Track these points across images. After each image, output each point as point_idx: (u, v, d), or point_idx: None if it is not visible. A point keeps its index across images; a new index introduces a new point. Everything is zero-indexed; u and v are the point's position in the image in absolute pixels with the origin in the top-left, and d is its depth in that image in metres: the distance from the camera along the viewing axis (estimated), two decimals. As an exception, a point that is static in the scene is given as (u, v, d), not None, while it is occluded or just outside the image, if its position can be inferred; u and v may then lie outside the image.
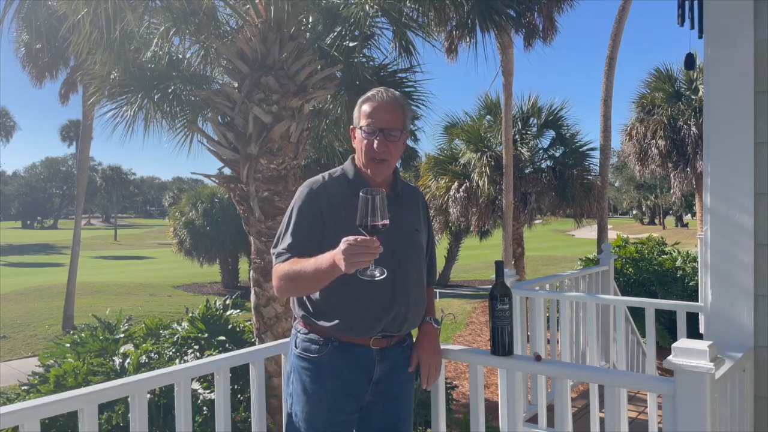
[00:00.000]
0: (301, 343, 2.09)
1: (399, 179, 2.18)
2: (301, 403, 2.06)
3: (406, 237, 2.10)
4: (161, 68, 6.01)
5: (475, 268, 25.55)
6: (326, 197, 2.04)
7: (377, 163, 2.04)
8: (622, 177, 53.70)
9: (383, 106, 2.03)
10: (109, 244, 54.98)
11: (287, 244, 2.03)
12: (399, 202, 2.11)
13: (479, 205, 14.13)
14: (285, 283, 1.99)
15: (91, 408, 1.91)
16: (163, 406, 4.73)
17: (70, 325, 15.22)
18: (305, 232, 2.02)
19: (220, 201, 23.55)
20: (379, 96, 2.05)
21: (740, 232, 2.40)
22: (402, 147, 2.09)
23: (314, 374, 2.04)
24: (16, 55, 18.18)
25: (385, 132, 2.01)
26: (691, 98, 15.91)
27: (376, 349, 2.06)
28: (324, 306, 2.04)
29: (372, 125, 2.01)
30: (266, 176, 5.42)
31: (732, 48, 2.42)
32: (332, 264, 1.82)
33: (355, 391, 2.06)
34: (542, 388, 3.91)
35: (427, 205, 2.34)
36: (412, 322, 2.14)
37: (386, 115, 2.02)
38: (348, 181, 2.09)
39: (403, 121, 2.07)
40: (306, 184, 2.10)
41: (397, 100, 2.08)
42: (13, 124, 56.68)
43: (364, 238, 1.74)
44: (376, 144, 2.01)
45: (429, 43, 6.19)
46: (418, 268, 2.14)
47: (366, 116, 2.03)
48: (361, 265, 1.76)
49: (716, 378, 1.88)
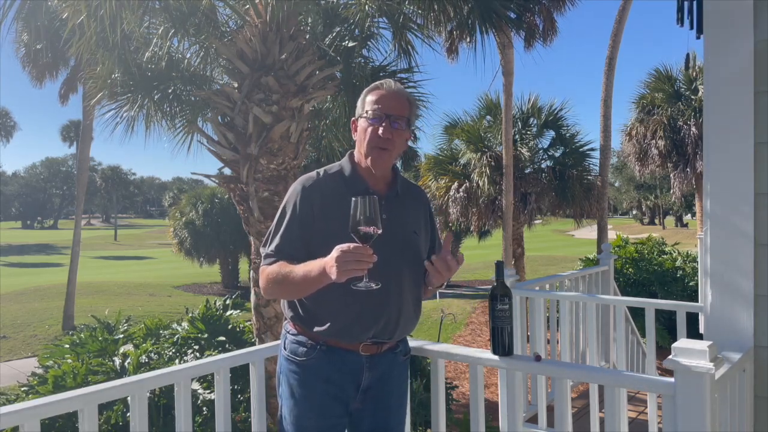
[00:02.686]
0: (289, 345, 2.05)
1: (400, 177, 2.11)
2: (288, 405, 2.03)
3: (403, 239, 2.01)
4: (161, 69, 6.01)
5: (475, 268, 25.52)
6: (319, 195, 1.98)
7: (380, 151, 1.96)
8: (622, 177, 53.69)
9: (391, 94, 1.99)
10: (109, 244, 54.96)
11: (276, 246, 1.98)
12: (398, 202, 2.04)
13: (479, 205, 14.13)
14: (272, 285, 1.96)
15: (91, 408, 1.90)
16: (163, 406, 4.73)
17: (70, 325, 15.21)
18: (295, 234, 1.97)
19: (220, 201, 23.53)
20: (387, 85, 2.01)
21: (740, 232, 2.40)
22: (405, 141, 2.03)
23: (301, 377, 2.00)
24: (16, 55, 18.22)
25: (392, 118, 1.95)
26: (691, 98, 15.91)
27: (365, 356, 1.99)
28: (314, 309, 1.99)
29: (379, 110, 1.95)
30: (266, 176, 5.42)
31: (732, 48, 2.42)
32: (322, 272, 1.77)
33: (342, 396, 2.00)
34: (542, 388, 3.91)
35: (431, 207, 2.25)
36: (405, 328, 2.07)
37: (393, 102, 1.97)
38: (344, 178, 2.02)
39: (409, 114, 2.01)
40: (299, 181, 2.03)
41: (405, 93, 2.04)
42: (13, 124, 56.78)
43: (357, 246, 1.69)
44: (382, 130, 1.94)
45: (428, 45, 6.19)
46: (414, 272, 2.05)
47: (372, 103, 1.98)
48: (354, 273, 1.70)
49: (716, 378, 1.88)
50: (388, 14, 5.82)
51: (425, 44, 6.14)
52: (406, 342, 2.18)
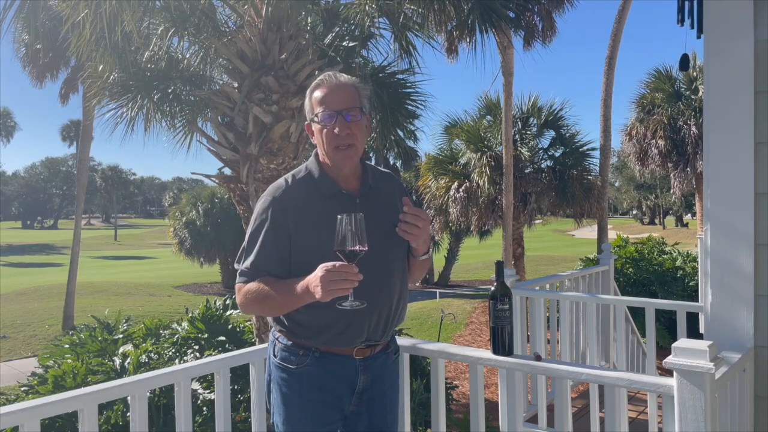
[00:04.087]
0: (279, 352, 1.98)
1: (369, 169, 2.02)
2: (281, 414, 1.97)
3: (384, 233, 1.92)
4: (161, 68, 6.01)
5: (475, 268, 25.54)
6: (291, 203, 1.90)
7: (343, 149, 1.88)
8: (622, 177, 53.73)
9: (335, 87, 1.90)
10: (109, 244, 54.97)
11: (251, 263, 1.91)
12: (373, 196, 1.98)
13: (479, 205, 14.12)
14: (251, 303, 1.89)
15: (91, 408, 1.91)
16: (163, 406, 4.73)
17: (70, 325, 15.20)
18: (270, 248, 1.89)
19: (220, 201, 23.54)
20: (328, 79, 1.93)
21: (740, 232, 2.40)
22: (366, 131, 1.95)
23: (294, 385, 1.95)
24: (16, 55, 18.18)
25: (343, 113, 1.86)
26: (691, 98, 15.92)
27: (359, 359, 1.97)
28: (303, 321, 1.93)
29: (327, 110, 1.87)
30: (266, 176, 5.42)
31: (732, 48, 2.42)
32: (305, 290, 1.73)
33: (337, 402, 1.97)
34: (542, 388, 3.91)
35: (404, 187, 2.14)
36: (396, 322, 2.05)
37: (340, 95, 1.88)
38: (314, 181, 1.95)
39: (360, 101, 1.92)
40: (268, 192, 1.95)
41: (349, 80, 1.95)
42: (13, 124, 56.88)
43: (343, 264, 1.66)
44: (337, 129, 1.86)
45: (429, 44, 6.20)
46: (399, 263, 2.01)
47: (319, 103, 1.90)
48: (339, 293, 1.66)
49: (716, 378, 1.88)
50: (388, 14, 5.81)
51: (425, 44, 6.15)
52: (394, 339, 2.16)
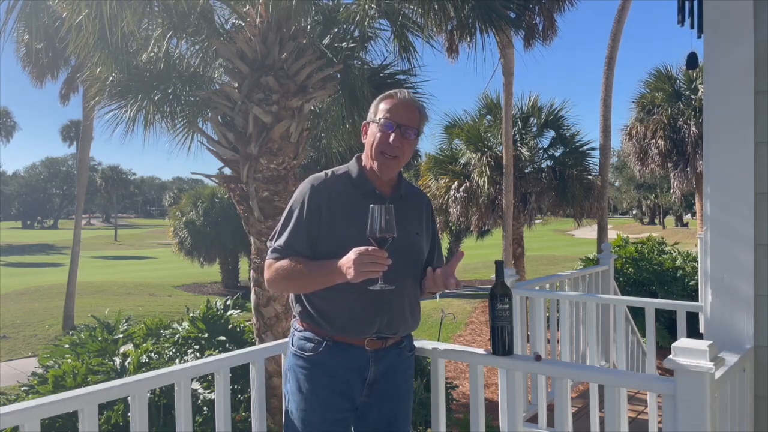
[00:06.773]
0: (297, 341, 2.11)
1: (403, 181, 2.19)
2: (296, 400, 2.08)
3: (406, 240, 2.06)
4: (160, 69, 6.00)
5: (475, 268, 25.53)
6: (327, 194, 2.05)
7: (388, 158, 2.05)
8: (622, 177, 53.73)
9: (403, 104, 2.07)
10: (109, 244, 54.97)
11: (285, 242, 2.04)
12: (402, 204, 2.10)
13: (479, 204, 14.12)
14: (279, 279, 2.02)
15: (91, 408, 1.91)
16: (163, 406, 4.74)
17: (70, 325, 15.21)
18: (303, 231, 2.03)
19: (220, 201, 23.53)
20: (401, 95, 2.10)
21: (740, 232, 2.40)
22: (413, 149, 2.11)
23: (309, 372, 2.06)
24: (16, 55, 18.19)
25: (402, 128, 2.04)
26: (691, 98, 15.92)
27: (370, 350, 2.06)
28: (321, 306, 2.06)
29: (390, 120, 2.03)
30: (266, 176, 5.42)
31: (732, 47, 2.42)
32: (337, 271, 1.85)
33: (348, 391, 2.06)
34: (542, 388, 3.91)
35: (432, 209, 2.32)
36: (408, 324, 2.14)
37: (405, 113, 2.05)
38: (351, 180, 2.11)
39: (419, 124, 2.10)
40: (309, 180, 2.11)
41: (417, 104, 2.13)
42: (13, 124, 56.82)
43: (375, 249, 1.78)
44: (392, 138, 2.02)
45: (429, 44, 6.18)
46: (415, 272, 2.14)
47: (384, 111, 2.06)
48: (370, 275, 1.80)
49: (716, 378, 1.88)
50: (388, 14, 5.81)
51: (425, 44, 6.14)
52: (411, 338, 2.24)
